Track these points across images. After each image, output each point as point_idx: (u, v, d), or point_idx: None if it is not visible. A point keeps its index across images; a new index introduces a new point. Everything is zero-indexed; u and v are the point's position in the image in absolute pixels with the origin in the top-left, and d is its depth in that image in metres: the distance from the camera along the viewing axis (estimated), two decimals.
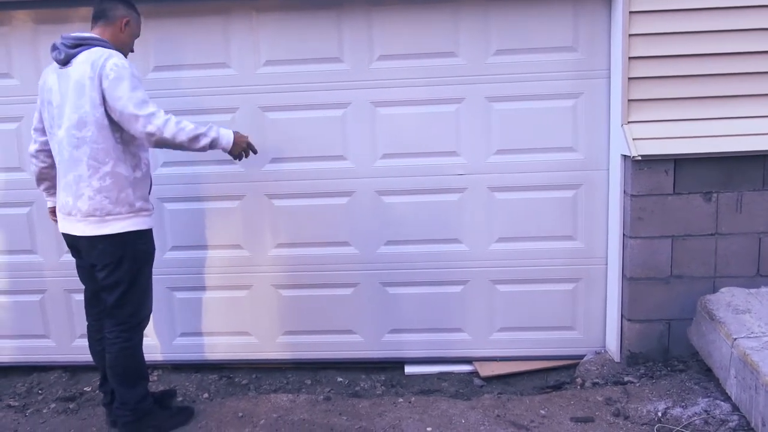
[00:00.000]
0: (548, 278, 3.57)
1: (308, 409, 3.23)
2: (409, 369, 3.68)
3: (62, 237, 3.63)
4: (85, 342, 3.71)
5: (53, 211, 3.07)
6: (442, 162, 3.49)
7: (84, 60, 2.64)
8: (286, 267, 3.62)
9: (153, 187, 3.07)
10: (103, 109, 2.63)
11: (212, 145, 2.79)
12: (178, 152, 3.47)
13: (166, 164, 3.56)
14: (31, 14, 3.48)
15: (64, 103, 2.67)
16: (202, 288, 3.68)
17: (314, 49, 3.44)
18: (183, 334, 3.74)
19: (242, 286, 3.66)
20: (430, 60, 3.43)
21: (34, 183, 3.57)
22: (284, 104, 3.48)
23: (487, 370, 3.59)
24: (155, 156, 3.51)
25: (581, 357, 3.59)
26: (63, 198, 2.76)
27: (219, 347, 3.75)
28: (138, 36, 2.95)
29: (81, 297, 3.65)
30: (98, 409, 3.33)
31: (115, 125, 2.67)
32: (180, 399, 3.43)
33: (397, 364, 3.72)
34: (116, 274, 2.78)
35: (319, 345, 3.69)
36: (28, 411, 3.37)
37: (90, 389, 3.59)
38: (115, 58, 2.65)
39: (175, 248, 3.64)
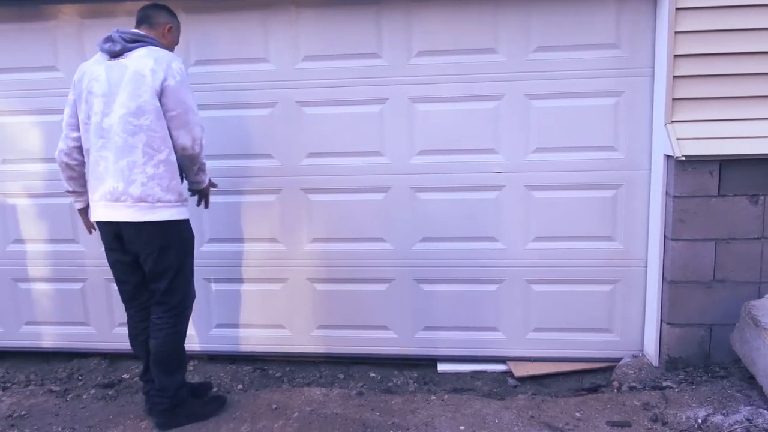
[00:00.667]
0: (585, 279, 3.52)
1: (341, 403, 3.24)
2: (441, 366, 3.66)
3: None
4: (124, 330, 3.79)
5: (85, 212, 3.09)
6: (479, 159, 3.46)
7: (145, 54, 2.75)
8: (322, 261, 3.64)
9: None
10: (158, 101, 2.72)
11: (206, 173, 3.06)
12: (217, 145, 3.55)
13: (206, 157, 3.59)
14: (77, 9, 3.55)
15: (116, 92, 2.73)
16: (239, 280, 3.72)
17: (353, 44, 3.44)
18: (219, 326, 3.79)
19: (278, 279, 3.69)
20: (469, 56, 3.40)
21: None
22: (322, 99, 3.49)
23: (521, 370, 3.55)
24: None
25: (618, 360, 3.53)
26: (111, 184, 2.77)
27: (253, 339, 3.79)
28: (177, 44, 3.05)
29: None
30: (136, 397, 3.40)
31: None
32: (215, 390, 3.47)
33: (430, 361, 3.71)
34: (164, 260, 2.85)
35: (352, 340, 3.70)
36: (69, 396, 3.45)
37: (128, 377, 3.67)
38: (179, 61, 2.80)
39: (212, 240, 3.69)
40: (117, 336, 3.83)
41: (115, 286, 3.73)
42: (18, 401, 3.39)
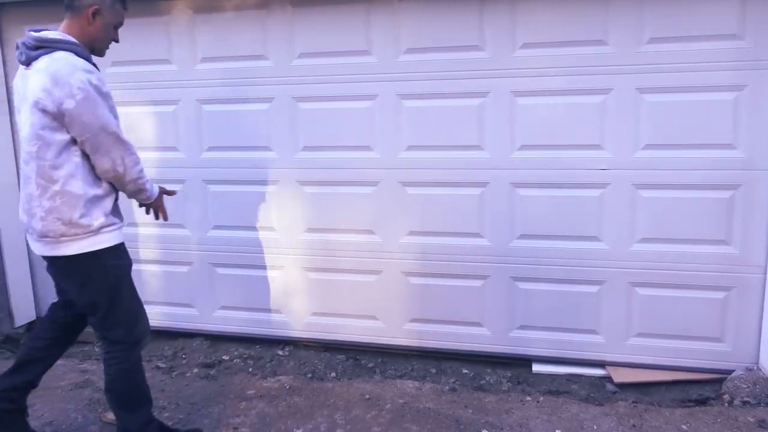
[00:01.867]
0: (695, 284, 3.32)
1: (434, 398, 3.23)
2: (536, 367, 3.57)
3: (207, 213, 3.88)
4: (225, 313, 3.99)
5: None
6: (584, 155, 3.34)
7: (44, 68, 2.28)
8: (417, 255, 3.63)
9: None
10: (56, 124, 2.29)
11: (145, 189, 2.58)
12: (320, 137, 3.61)
13: (306, 149, 3.67)
14: (190, 4, 3.70)
15: (21, 111, 2.39)
16: (334, 270, 3.78)
17: (455, 37, 3.39)
18: (314, 314, 3.87)
19: (372, 271, 3.72)
20: (576, 48, 3.28)
21: (186, 163, 3.85)
22: (423, 92, 3.47)
23: (620, 376, 3.41)
24: (296, 138, 3.65)
25: (729, 372, 3.31)
26: (20, 215, 2.50)
27: (346, 329, 3.84)
28: (117, 25, 2.50)
29: (224, 271, 3.93)
30: (235, 378, 3.53)
31: (73, 140, 2.34)
32: (309, 375, 3.55)
33: (524, 361, 3.63)
34: (88, 296, 2.49)
35: (445, 335, 3.68)
36: (174, 373, 3.63)
37: (228, 358, 3.81)
38: (84, 71, 2.28)
39: (310, 230, 3.76)
40: (218, 318, 4.00)
41: (218, 270, 3.92)
42: None
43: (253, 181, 3.79)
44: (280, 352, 3.88)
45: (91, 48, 2.46)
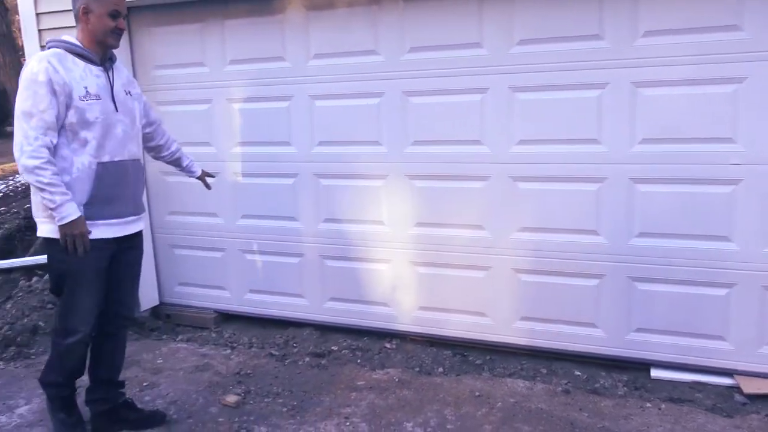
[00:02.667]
0: None
1: (546, 399, 3.15)
2: (655, 372, 3.39)
3: (318, 207, 3.95)
4: (334, 304, 4.08)
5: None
6: (713, 149, 3.12)
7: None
8: (528, 252, 3.54)
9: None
10: None
11: (49, 204, 2.57)
12: (427, 131, 3.59)
13: (416, 143, 3.67)
14: (304, 1, 3.79)
15: None
16: (442, 265, 3.76)
17: (572, 26, 3.27)
18: (421, 308, 3.87)
19: (481, 267, 3.66)
20: (705, 35, 3.07)
21: (297, 157, 3.94)
22: (537, 84, 3.37)
23: (751, 386, 3.17)
24: (406, 133, 3.65)
25: None
26: None
27: (453, 324, 3.81)
28: (113, 14, 2.63)
29: (334, 263, 4.00)
30: (345, 368, 3.60)
31: None
32: (417, 369, 3.56)
33: (641, 365, 3.46)
34: (49, 270, 2.85)
35: (557, 335, 3.57)
36: (287, 361, 3.75)
37: (337, 348, 3.89)
38: (35, 59, 2.56)
39: (419, 225, 3.76)
40: (328, 309, 4.09)
41: (328, 263, 4.01)
42: (244, 361, 3.76)
43: (363, 176, 3.83)
44: (388, 345, 3.91)
45: (100, 43, 2.67)
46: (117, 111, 2.74)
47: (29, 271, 4.65)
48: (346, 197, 3.90)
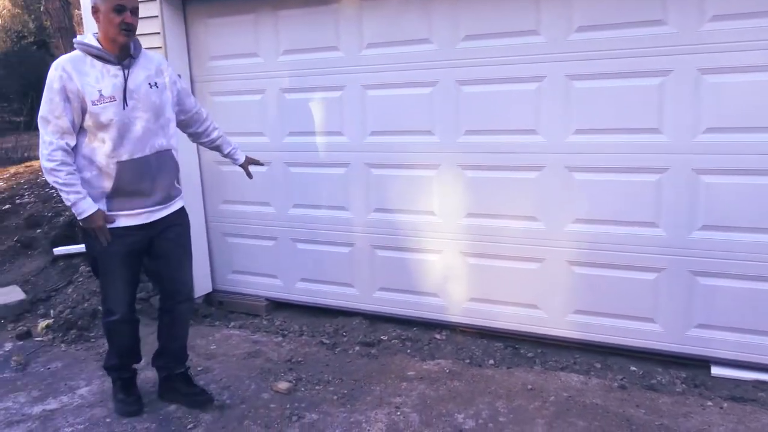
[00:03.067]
0: None
1: (601, 394, 3.08)
2: (716, 370, 3.28)
3: (369, 196, 3.96)
4: (384, 294, 4.08)
5: None
6: None
7: None
8: (583, 244, 3.46)
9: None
10: None
11: (67, 202, 2.78)
12: (492, 119, 3.53)
13: (468, 132, 3.63)
14: None
15: None
16: (494, 256, 3.71)
17: (633, 12, 3.16)
18: (472, 300, 3.83)
19: (534, 258, 3.60)
20: None
21: (349, 147, 3.94)
22: (596, 72, 3.28)
23: None
24: (458, 122, 3.61)
25: None
26: None
27: (504, 317, 3.76)
28: (118, 8, 2.69)
29: (384, 253, 4.01)
30: (395, 358, 3.60)
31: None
32: (467, 361, 3.53)
33: (701, 362, 3.35)
34: (86, 255, 3.14)
35: (611, 329, 3.49)
36: (337, 349, 3.77)
37: (386, 338, 3.89)
38: (54, 66, 2.73)
39: (471, 215, 3.72)
40: (377, 299, 4.09)
41: (378, 252, 4.01)
42: (295, 348, 3.80)
43: (414, 165, 3.81)
44: (437, 336, 3.89)
45: (112, 40, 2.75)
46: (133, 109, 2.81)
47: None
48: (397, 187, 3.89)
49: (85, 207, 2.74)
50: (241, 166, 3.43)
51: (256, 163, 3.48)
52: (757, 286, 3.13)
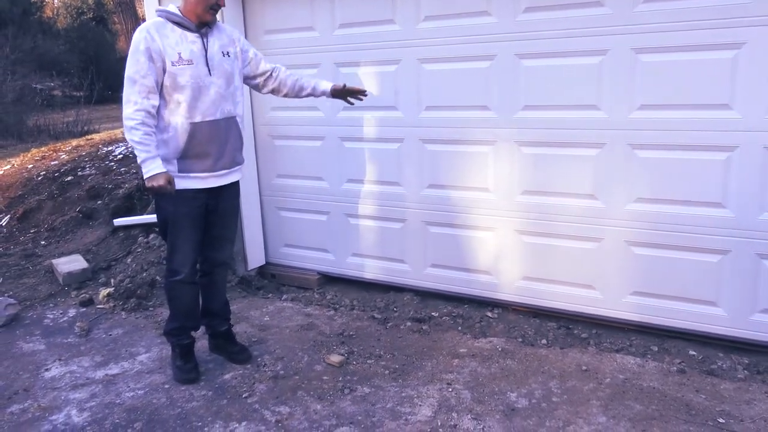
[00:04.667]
0: None
1: (659, 378, 3.01)
2: None
3: (423, 172, 3.94)
4: (435, 271, 4.07)
5: None
6: None
7: None
8: (644, 224, 3.36)
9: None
10: None
11: (139, 163, 2.89)
12: (552, 94, 3.44)
13: (526, 108, 3.54)
14: None
15: None
16: (550, 235, 3.64)
17: None
18: (525, 278, 3.78)
19: (592, 238, 3.52)
20: None
21: (404, 122, 3.90)
22: (663, 46, 3.14)
23: None
24: (517, 97, 3.53)
25: None
26: None
27: (559, 296, 3.69)
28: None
29: (437, 229, 3.99)
30: (446, 335, 3.60)
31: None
32: (520, 340, 3.49)
33: (765, 349, 3.23)
34: (156, 215, 3.21)
35: (671, 311, 3.39)
36: (388, 324, 3.79)
37: (437, 315, 3.88)
38: (136, 32, 2.90)
39: (526, 193, 3.65)
40: (429, 275, 4.08)
41: (431, 229, 3.99)
42: (347, 322, 3.83)
43: (470, 141, 3.75)
44: (489, 314, 3.86)
45: (198, 16, 2.94)
46: (210, 74, 2.98)
47: (147, 228, 4.93)
48: (451, 163, 3.85)
49: (152, 167, 2.87)
50: (335, 95, 3.38)
51: (356, 90, 3.41)
52: None
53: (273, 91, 3.38)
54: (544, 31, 3.41)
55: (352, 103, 3.50)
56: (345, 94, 3.40)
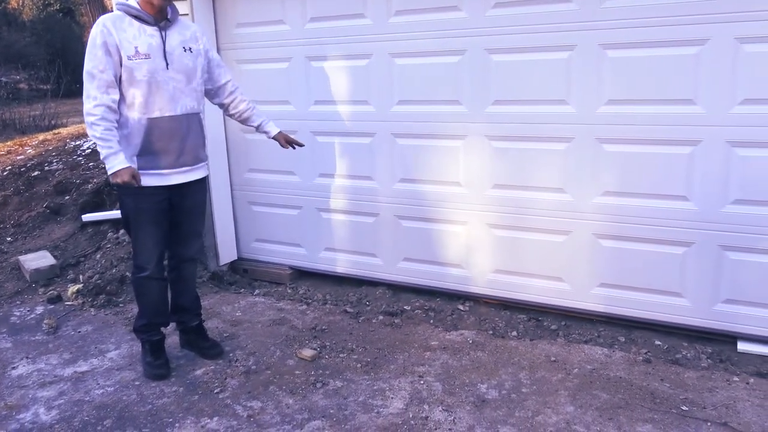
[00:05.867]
0: None
1: (625, 367, 3.07)
2: (742, 346, 3.25)
3: (394, 167, 3.95)
4: (408, 264, 4.09)
5: None
6: None
7: None
8: (611, 216, 3.42)
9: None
10: None
11: (102, 159, 2.86)
12: (521, 89, 3.47)
13: (497, 102, 3.57)
14: None
15: None
16: (520, 228, 3.68)
17: None
18: (496, 271, 3.82)
19: (561, 231, 3.57)
20: None
21: (375, 116, 3.91)
22: (629, 41, 3.19)
23: None
24: (487, 92, 3.55)
25: None
26: None
27: (529, 289, 3.75)
28: None
29: (409, 223, 4.00)
30: (418, 328, 3.62)
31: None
32: (490, 332, 3.54)
33: (728, 338, 3.32)
34: (120, 211, 3.18)
35: (637, 302, 3.46)
36: (360, 318, 3.80)
37: (409, 308, 3.91)
38: (93, 26, 2.87)
39: (497, 186, 3.69)
40: (401, 269, 4.10)
41: (403, 222, 4.01)
42: (319, 317, 3.84)
43: (441, 136, 3.78)
44: (461, 307, 3.90)
45: (151, 3, 2.90)
46: (167, 69, 2.94)
47: (117, 223, 4.86)
48: (423, 157, 3.87)
49: (115, 163, 2.83)
50: (275, 139, 3.44)
51: (295, 143, 3.47)
52: None
53: (221, 106, 3.37)
54: (513, 27, 3.44)
55: (286, 148, 3.49)
56: (284, 141, 3.44)
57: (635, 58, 3.20)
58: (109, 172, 2.85)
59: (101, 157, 2.85)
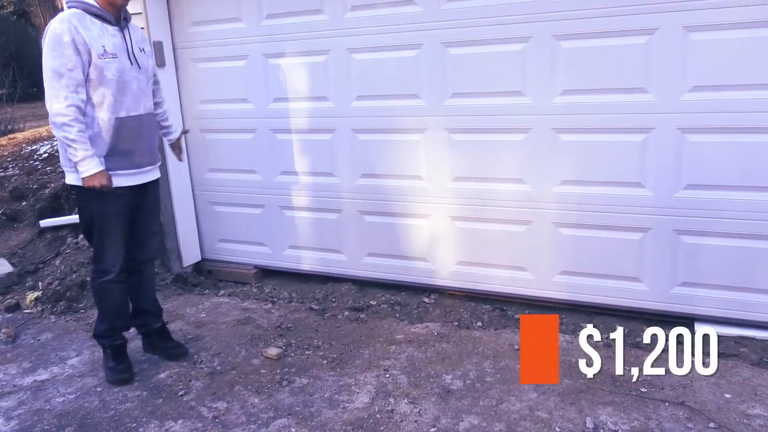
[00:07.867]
0: None
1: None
2: (700, 327, 3.33)
3: (356, 162, 3.94)
4: (372, 260, 4.09)
5: None
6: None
7: None
8: (569, 205, 3.47)
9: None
10: None
11: (74, 159, 2.78)
12: (479, 82, 3.50)
13: (455, 95, 3.59)
14: None
15: None
16: (481, 219, 3.71)
17: None
18: (460, 263, 3.85)
19: (522, 221, 3.61)
20: None
21: (335, 112, 3.89)
22: (582, 32, 3.24)
23: None
24: (445, 85, 3.57)
25: None
26: None
27: (492, 279, 3.78)
28: None
29: (372, 219, 4.01)
30: (384, 322, 3.63)
31: None
32: (455, 324, 3.56)
33: (686, 320, 3.39)
34: (79, 216, 3.10)
35: (597, 289, 3.52)
36: (326, 315, 3.80)
37: (375, 303, 3.91)
38: (57, 20, 2.75)
39: (458, 179, 3.71)
40: (366, 264, 4.10)
41: (366, 218, 4.01)
42: (284, 315, 3.82)
43: (401, 130, 3.79)
44: (426, 300, 3.92)
45: (111, 4, 2.85)
46: (132, 68, 2.93)
47: (76, 228, 4.77)
48: (384, 152, 3.87)
49: (91, 165, 2.78)
50: (171, 146, 3.49)
51: (179, 149, 3.53)
52: (740, 243, 3.17)
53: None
54: (468, 19, 3.46)
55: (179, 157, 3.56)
56: (173, 147, 3.49)
57: (588, 48, 3.25)
58: (83, 175, 2.78)
59: (76, 160, 2.76)
